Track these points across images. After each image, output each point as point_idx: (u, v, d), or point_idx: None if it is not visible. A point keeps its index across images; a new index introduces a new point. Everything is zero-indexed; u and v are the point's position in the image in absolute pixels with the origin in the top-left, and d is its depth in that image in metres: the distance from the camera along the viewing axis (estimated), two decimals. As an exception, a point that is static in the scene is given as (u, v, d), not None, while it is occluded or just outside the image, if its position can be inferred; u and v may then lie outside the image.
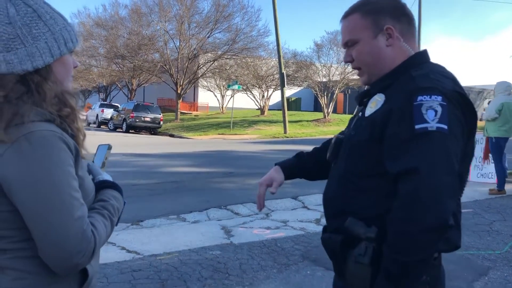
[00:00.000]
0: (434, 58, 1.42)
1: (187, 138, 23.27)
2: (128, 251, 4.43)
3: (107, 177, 1.39)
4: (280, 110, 23.90)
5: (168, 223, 5.60)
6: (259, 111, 34.60)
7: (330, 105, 29.14)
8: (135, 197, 6.98)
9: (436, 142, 1.17)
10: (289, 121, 22.89)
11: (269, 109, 35.37)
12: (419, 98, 1.21)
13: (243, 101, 37.96)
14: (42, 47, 1.13)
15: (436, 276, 1.32)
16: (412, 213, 1.15)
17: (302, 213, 6.30)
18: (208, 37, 33.58)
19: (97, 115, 31.47)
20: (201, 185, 8.15)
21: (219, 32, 33.94)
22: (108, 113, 30.21)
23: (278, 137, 21.08)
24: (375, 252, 1.23)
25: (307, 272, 3.93)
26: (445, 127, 1.18)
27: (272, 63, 33.39)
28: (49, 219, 1.05)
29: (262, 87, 34.06)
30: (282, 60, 22.39)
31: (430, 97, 1.20)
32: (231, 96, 29.36)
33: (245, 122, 28.23)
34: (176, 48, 33.36)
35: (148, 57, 35.22)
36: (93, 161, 1.47)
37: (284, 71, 21.98)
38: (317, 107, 41.84)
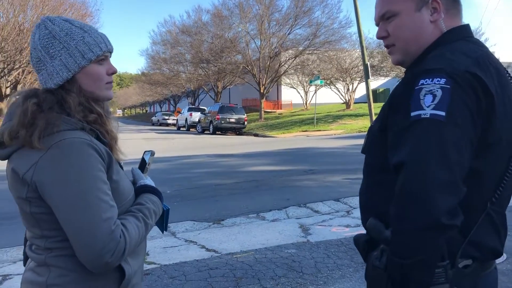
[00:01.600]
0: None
1: (271, 136, 23.48)
2: (207, 250, 4.57)
3: (148, 182, 1.43)
4: (367, 102, 23.12)
5: (247, 222, 5.68)
6: (344, 105, 33.86)
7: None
8: (218, 197, 7.20)
9: (428, 131, 1.04)
10: (376, 114, 22.07)
11: (354, 102, 34.45)
12: (421, 81, 1.08)
13: (327, 96, 37.42)
14: (58, 65, 1.23)
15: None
16: (401, 211, 1.05)
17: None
18: (289, 34, 33.57)
19: (186, 119, 32.98)
20: (281, 184, 8.16)
21: (299, 28, 33.77)
22: (196, 116, 31.51)
23: (364, 131, 20.39)
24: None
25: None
26: (442, 113, 1.03)
27: (356, 54, 32.44)
28: (79, 220, 1.12)
29: (346, 80, 33.27)
30: (365, 51, 21.62)
31: (431, 80, 1.07)
32: (314, 92, 29.05)
33: (329, 117, 27.78)
34: (258, 48, 33.82)
35: (231, 59, 36.15)
36: (138, 167, 1.52)
37: (368, 62, 21.20)
38: (406, 97, 39.82)
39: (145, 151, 1.57)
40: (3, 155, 1.22)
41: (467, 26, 1.26)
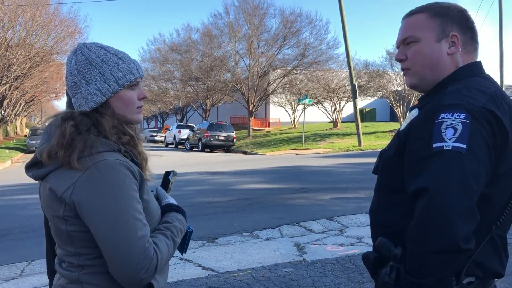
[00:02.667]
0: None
1: (260, 154, 23.56)
2: (204, 268, 4.57)
3: (172, 201, 1.48)
4: (354, 122, 23.42)
5: (242, 240, 5.69)
6: (331, 124, 34.21)
7: (407, 114, 28.03)
8: (210, 215, 7.20)
9: (451, 162, 1.12)
10: (363, 133, 22.34)
11: (342, 122, 34.84)
12: (441, 115, 1.17)
13: (314, 115, 37.78)
14: (93, 89, 1.28)
15: None
16: (422, 234, 1.13)
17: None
18: (277, 53, 34.05)
19: (175, 135, 32.92)
20: (273, 202, 8.19)
21: (288, 48, 34.32)
22: (185, 133, 31.49)
23: (352, 150, 20.64)
24: (399, 272, 1.20)
25: (383, 291, 3.79)
26: (463, 146, 1.12)
27: (343, 74, 32.97)
28: (115, 238, 1.16)
29: (333, 99, 33.69)
30: (353, 72, 22.03)
31: (452, 115, 1.16)
32: (302, 111, 29.35)
33: (317, 135, 28.01)
34: (247, 67, 34.17)
35: (220, 77, 36.42)
36: (161, 186, 1.57)
37: (355, 82, 21.58)
38: (393, 117, 40.46)
39: (166, 171, 1.61)
40: (40, 175, 1.26)
41: (479, 63, 1.36)
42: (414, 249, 1.14)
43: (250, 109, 33.56)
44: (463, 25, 1.33)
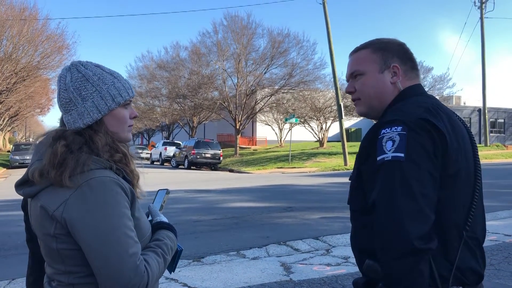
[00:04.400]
0: (501, 79, 1.43)
1: (246, 172, 23.53)
2: (189, 288, 4.51)
3: (164, 219, 1.49)
4: (340, 141, 23.61)
5: (228, 260, 5.64)
6: (317, 143, 34.42)
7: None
8: (196, 233, 7.13)
9: (392, 170, 1.22)
10: (349, 153, 22.52)
11: (328, 141, 35.09)
12: (382, 131, 1.29)
13: (301, 134, 37.99)
14: (90, 106, 1.30)
15: None
16: (381, 243, 1.20)
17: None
18: (265, 73, 34.36)
19: (161, 153, 32.74)
20: (260, 221, 8.16)
21: (276, 67, 34.67)
22: (171, 150, 31.33)
23: (338, 170, 20.75)
24: None
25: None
26: (401, 155, 1.22)
27: (330, 94, 33.36)
28: (106, 255, 1.16)
29: (320, 119, 33.99)
30: (339, 92, 22.32)
31: (390, 129, 1.27)
32: (289, 130, 29.51)
33: (304, 154, 28.13)
34: (234, 85, 34.36)
35: (208, 95, 36.51)
36: (152, 203, 1.57)
37: (341, 103, 21.86)
38: (377, 137, 40.83)
39: (159, 189, 1.62)
40: (31, 193, 1.26)
41: (419, 85, 1.49)
42: (381, 259, 1.21)
43: (237, 127, 33.64)
44: (402, 56, 1.47)
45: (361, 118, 35.98)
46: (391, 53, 1.45)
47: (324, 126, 34.18)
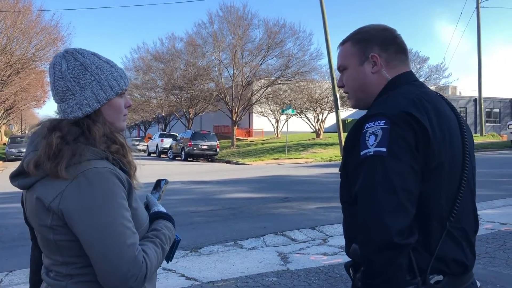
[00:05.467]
0: (497, 69, 1.41)
1: (243, 164, 23.54)
2: (187, 278, 4.53)
3: (161, 208, 1.48)
4: (336, 132, 23.64)
5: (225, 250, 5.67)
6: (314, 134, 34.44)
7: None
8: (194, 224, 7.16)
9: (373, 165, 1.23)
10: (345, 143, 22.51)
11: (324, 132, 35.10)
12: (366, 125, 1.29)
13: (297, 125, 37.99)
14: (89, 95, 1.28)
15: None
16: (361, 236, 1.22)
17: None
18: (261, 64, 34.21)
19: (157, 144, 32.68)
20: (257, 211, 8.19)
21: (272, 58, 34.52)
22: (168, 142, 31.29)
23: (334, 160, 20.77)
24: None
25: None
26: (384, 149, 1.22)
27: (326, 85, 33.29)
28: (104, 246, 1.16)
29: (316, 110, 33.97)
30: (335, 83, 22.28)
31: (374, 123, 1.27)
32: (286, 121, 29.50)
33: (300, 146, 28.15)
34: (231, 77, 34.24)
35: (204, 86, 36.38)
36: (151, 193, 1.57)
37: (338, 93, 21.83)
38: (374, 128, 40.91)
39: (158, 179, 1.62)
40: (27, 185, 1.25)
41: (409, 73, 1.48)
42: (361, 252, 1.23)
43: (234, 118, 33.59)
44: (383, 43, 1.45)
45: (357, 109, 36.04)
46: (370, 43, 1.45)
47: (320, 117, 34.16)
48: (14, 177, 1.29)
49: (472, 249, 1.38)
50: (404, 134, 1.24)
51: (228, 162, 25.52)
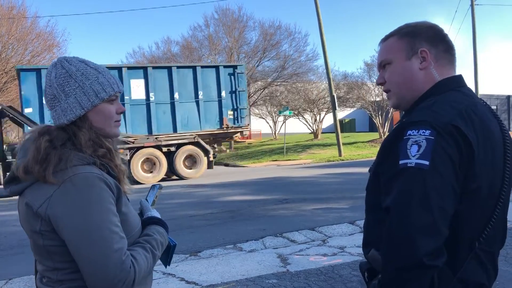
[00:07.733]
0: (493, 66, 1.35)
1: (242, 166, 23.52)
2: (187, 282, 4.52)
3: (155, 214, 1.48)
4: (334, 132, 23.65)
5: (225, 253, 5.66)
6: (312, 135, 34.44)
7: (386, 124, 28.46)
8: (193, 228, 7.15)
9: (413, 178, 1.14)
10: (344, 143, 22.53)
11: (322, 132, 35.11)
12: (408, 132, 1.19)
13: (295, 126, 37.99)
14: (72, 102, 1.29)
15: None
16: (387, 251, 1.16)
17: (360, 238, 6.12)
18: (257, 66, 34.24)
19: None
20: (256, 213, 8.18)
21: (268, 60, 34.55)
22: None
23: (333, 161, 20.78)
24: None
25: (366, 300, 3.81)
26: (426, 162, 1.13)
27: (323, 86, 33.32)
28: (90, 251, 1.16)
29: (313, 110, 33.98)
30: (332, 83, 22.31)
31: (417, 131, 1.18)
32: (283, 122, 29.50)
33: (298, 147, 28.15)
34: (227, 79, 34.20)
35: (201, 89, 36.30)
36: (145, 199, 1.57)
37: (335, 94, 21.85)
38: (372, 127, 41.01)
39: (152, 184, 1.62)
40: (17, 191, 1.26)
41: (458, 77, 1.38)
42: (384, 265, 1.17)
43: (231, 121, 33.57)
44: (432, 39, 1.36)
45: (355, 108, 36.03)
46: (419, 37, 1.36)
47: (318, 117, 34.17)
48: (7, 184, 1.30)
49: (495, 269, 1.33)
50: (449, 149, 1.15)
51: (227, 164, 25.48)
